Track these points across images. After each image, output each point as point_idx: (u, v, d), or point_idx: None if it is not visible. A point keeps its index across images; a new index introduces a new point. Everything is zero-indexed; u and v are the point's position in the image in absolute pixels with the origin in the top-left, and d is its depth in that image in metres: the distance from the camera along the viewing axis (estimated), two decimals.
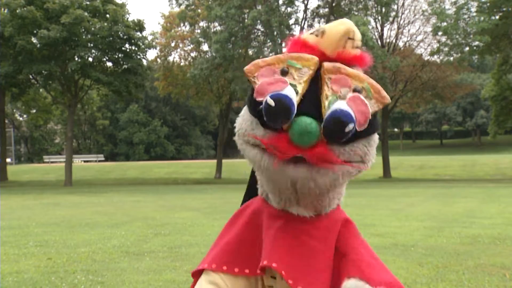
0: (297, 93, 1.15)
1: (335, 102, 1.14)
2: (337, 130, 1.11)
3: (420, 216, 8.68)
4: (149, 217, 9.13)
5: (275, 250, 1.25)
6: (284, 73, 1.18)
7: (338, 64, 1.19)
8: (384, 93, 1.20)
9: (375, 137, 1.25)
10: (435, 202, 11.89)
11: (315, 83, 1.18)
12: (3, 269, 4.74)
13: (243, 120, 1.26)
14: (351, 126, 1.10)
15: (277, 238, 1.26)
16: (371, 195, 14.81)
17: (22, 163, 54.91)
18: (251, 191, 1.49)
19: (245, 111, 1.28)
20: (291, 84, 1.16)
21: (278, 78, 1.16)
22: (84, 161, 48.36)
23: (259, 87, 1.16)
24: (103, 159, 50.58)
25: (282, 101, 1.09)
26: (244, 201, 1.52)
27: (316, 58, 1.19)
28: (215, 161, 32.68)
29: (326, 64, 1.19)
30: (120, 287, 4.04)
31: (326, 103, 1.14)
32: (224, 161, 31.43)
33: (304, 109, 1.14)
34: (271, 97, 1.10)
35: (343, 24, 1.22)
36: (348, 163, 1.18)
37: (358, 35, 1.24)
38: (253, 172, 1.46)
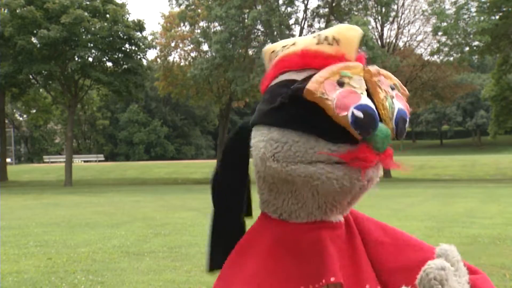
0: None
1: (394, 102, 1.19)
2: (404, 129, 1.20)
3: (420, 216, 8.67)
4: (149, 217, 9.13)
5: (334, 264, 1.20)
6: (341, 84, 1.16)
7: (375, 67, 1.22)
8: (403, 87, 1.28)
9: None
10: (435, 202, 11.89)
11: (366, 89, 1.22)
12: (3, 269, 4.74)
13: (274, 140, 1.17)
14: (408, 122, 1.20)
15: (329, 251, 1.22)
16: (371, 195, 14.63)
17: (22, 163, 54.91)
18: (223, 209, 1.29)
19: (270, 133, 1.18)
20: None
21: (347, 89, 1.16)
22: (84, 161, 48.36)
23: (339, 102, 1.13)
24: (103, 159, 50.56)
25: (368, 111, 1.12)
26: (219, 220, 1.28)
27: (361, 65, 1.20)
28: (215, 161, 32.45)
29: (371, 68, 1.21)
30: (120, 287, 4.04)
31: (387, 104, 1.17)
32: None
33: None
34: (357, 108, 1.12)
35: (355, 30, 1.22)
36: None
37: None
38: (215, 187, 1.29)
